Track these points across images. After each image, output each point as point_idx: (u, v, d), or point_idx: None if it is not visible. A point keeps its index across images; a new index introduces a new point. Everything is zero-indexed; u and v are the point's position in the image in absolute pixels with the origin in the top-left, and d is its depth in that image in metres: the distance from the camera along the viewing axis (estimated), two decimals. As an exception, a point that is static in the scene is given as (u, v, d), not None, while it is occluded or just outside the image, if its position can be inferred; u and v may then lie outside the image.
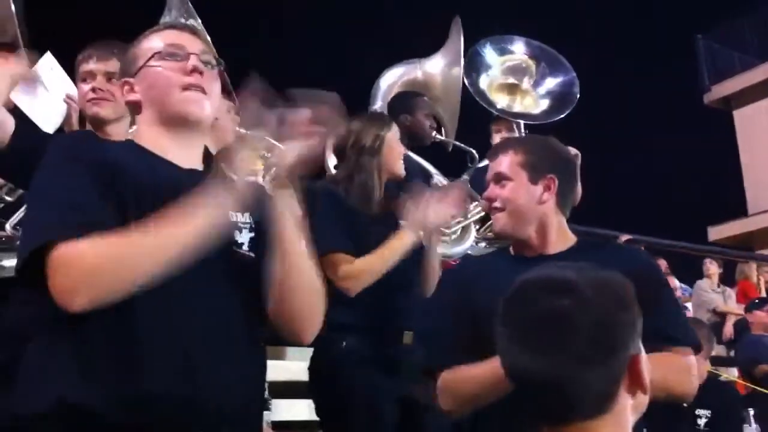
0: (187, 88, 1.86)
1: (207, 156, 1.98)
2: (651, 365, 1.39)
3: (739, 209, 16.64)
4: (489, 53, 5.43)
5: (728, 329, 8.04)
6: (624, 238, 7.77)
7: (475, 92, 5.21)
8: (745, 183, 16.84)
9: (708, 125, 17.55)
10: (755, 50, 16.51)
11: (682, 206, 16.65)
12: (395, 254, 3.04)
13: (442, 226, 3.27)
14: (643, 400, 1.37)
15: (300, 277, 1.84)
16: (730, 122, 17.17)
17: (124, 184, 1.71)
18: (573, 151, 4.86)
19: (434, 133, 4.78)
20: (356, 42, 16.45)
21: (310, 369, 3.23)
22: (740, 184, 16.87)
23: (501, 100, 5.36)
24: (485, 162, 5.16)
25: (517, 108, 5.41)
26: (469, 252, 4.76)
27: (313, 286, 1.89)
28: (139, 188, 1.73)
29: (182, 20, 3.46)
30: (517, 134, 5.14)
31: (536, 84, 5.46)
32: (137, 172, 1.75)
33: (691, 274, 9.03)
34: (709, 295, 8.53)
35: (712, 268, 8.84)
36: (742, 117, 17.02)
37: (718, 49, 16.95)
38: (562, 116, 5.26)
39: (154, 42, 1.91)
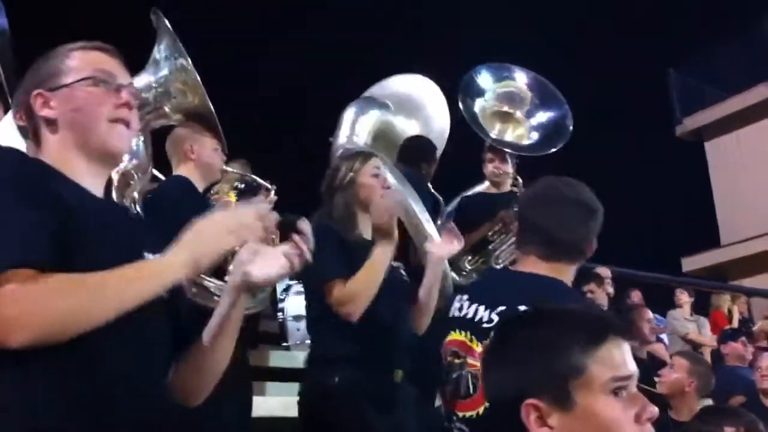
0: (115, 120, 1.81)
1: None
2: None
3: (712, 240, 16.78)
4: (484, 79, 5.45)
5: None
6: (598, 269, 7.81)
7: (470, 119, 5.25)
8: (717, 214, 16.99)
9: (680, 157, 17.73)
10: (726, 83, 16.72)
11: (655, 237, 16.77)
12: (380, 265, 3.14)
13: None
14: None
15: (226, 353, 1.85)
16: (702, 154, 17.36)
17: (71, 220, 1.65)
18: None
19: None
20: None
21: (300, 404, 3.26)
22: (713, 215, 17.02)
23: (494, 128, 5.39)
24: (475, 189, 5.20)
25: (509, 137, 5.43)
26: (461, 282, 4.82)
27: (221, 370, 1.88)
28: (81, 224, 1.66)
29: (173, 59, 3.46)
30: (509, 164, 5.18)
31: (529, 114, 5.49)
32: (74, 205, 1.68)
33: (665, 305, 9.05)
34: (682, 323, 8.55)
35: (683, 297, 8.89)
36: (713, 148, 17.21)
37: (689, 81, 17.16)
38: (555, 149, 5.30)
39: (82, 62, 1.83)
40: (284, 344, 5.79)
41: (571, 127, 5.39)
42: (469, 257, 4.91)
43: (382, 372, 3.18)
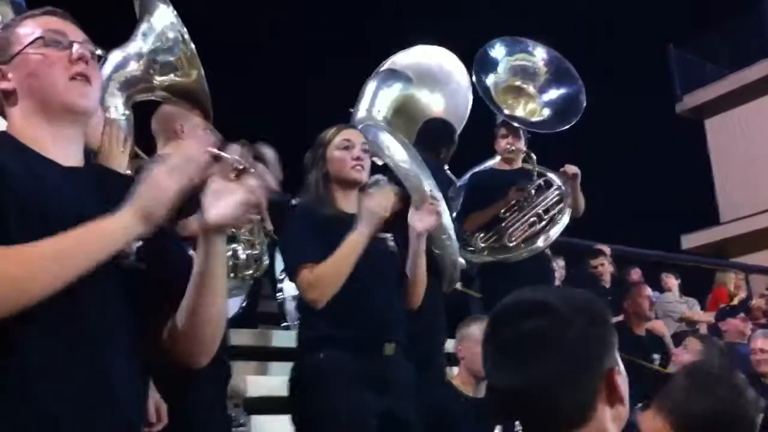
0: (73, 77, 1.75)
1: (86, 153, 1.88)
2: None
3: (712, 218, 16.78)
4: (497, 52, 5.42)
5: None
6: (598, 247, 7.83)
7: (483, 93, 5.25)
8: (717, 192, 16.98)
9: (680, 135, 17.69)
10: (726, 60, 16.68)
11: (655, 215, 16.76)
12: (352, 251, 3.05)
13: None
14: (623, 411, 1.43)
15: (215, 309, 1.75)
16: (702, 131, 17.33)
17: (5, 188, 1.58)
18: (573, 169, 4.93)
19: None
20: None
21: (290, 382, 3.20)
22: (712, 192, 17.02)
23: (506, 103, 5.37)
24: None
25: (520, 112, 5.42)
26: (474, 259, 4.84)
27: (222, 319, 1.80)
28: (21, 192, 1.60)
29: (168, 30, 3.39)
30: (522, 141, 5.16)
31: (542, 89, 5.47)
32: (18, 174, 1.62)
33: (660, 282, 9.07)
34: (673, 305, 8.54)
35: (670, 281, 8.87)
36: (713, 126, 17.18)
37: (689, 59, 17.11)
38: (567, 126, 5.29)
39: (31, 27, 1.78)
40: (284, 324, 5.79)
41: (584, 104, 5.37)
42: (482, 234, 4.92)
43: (370, 346, 3.11)
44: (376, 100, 4.73)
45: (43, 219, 1.59)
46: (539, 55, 5.53)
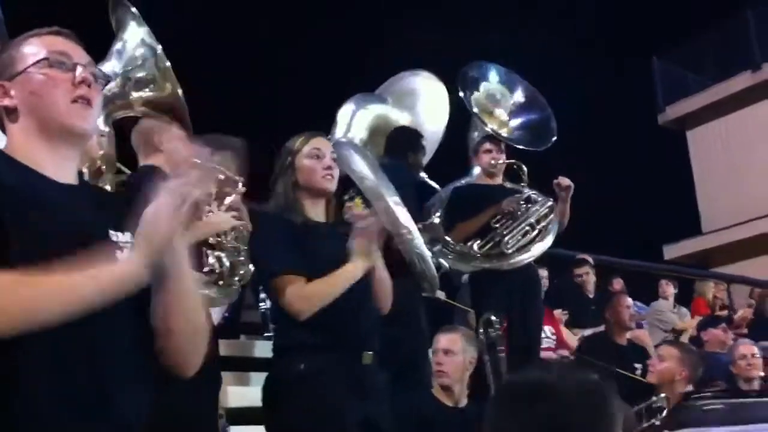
0: (75, 100, 1.77)
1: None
2: None
3: (694, 228, 16.87)
4: (475, 74, 5.52)
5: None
6: (581, 256, 7.87)
7: (472, 109, 5.39)
8: (699, 202, 17.08)
9: (663, 145, 17.78)
10: (709, 71, 16.78)
11: (637, 225, 16.83)
12: (347, 281, 3.07)
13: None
14: None
15: (187, 315, 1.76)
16: (684, 142, 17.43)
17: (4, 206, 1.61)
18: (567, 181, 5.02)
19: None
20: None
21: (265, 392, 3.16)
22: (694, 203, 17.11)
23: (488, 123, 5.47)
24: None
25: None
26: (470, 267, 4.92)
27: (198, 324, 1.81)
28: (21, 208, 1.62)
29: (140, 46, 3.41)
30: (504, 156, 5.24)
31: (511, 115, 5.57)
32: (16, 190, 1.65)
33: (647, 292, 9.09)
34: (666, 315, 8.58)
35: (669, 289, 8.90)
36: (695, 137, 17.29)
37: (672, 70, 17.20)
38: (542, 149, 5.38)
39: (36, 47, 1.81)
40: (266, 334, 5.78)
41: (554, 130, 5.47)
42: (478, 241, 4.97)
43: (349, 355, 3.10)
44: (352, 123, 4.83)
45: (43, 235, 1.61)
46: (498, 79, 5.65)
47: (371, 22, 17.45)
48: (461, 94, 5.31)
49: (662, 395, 4.29)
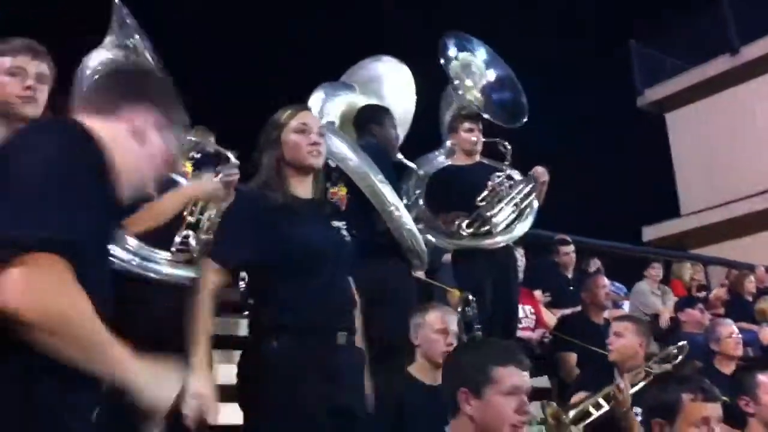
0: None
1: None
2: None
3: (673, 210, 16.99)
4: (452, 49, 5.52)
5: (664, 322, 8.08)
6: (562, 237, 7.92)
7: (453, 80, 5.38)
8: (677, 185, 17.18)
9: (641, 128, 17.87)
10: (686, 55, 16.84)
11: (616, 208, 16.93)
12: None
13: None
14: None
15: None
16: (663, 125, 17.52)
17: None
18: (543, 175, 5.05)
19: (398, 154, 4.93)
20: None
21: (239, 373, 3.12)
22: (673, 185, 17.22)
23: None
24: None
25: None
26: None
27: None
28: None
29: (126, 41, 3.48)
30: (481, 135, 5.26)
31: (485, 91, 5.56)
32: None
33: (626, 274, 9.16)
34: (648, 299, 8.62)
35: (654, 271, 8.93)
36: (674, 120, 17.38)
37: (650, 53, 17.24)
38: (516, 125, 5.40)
39: None
40: (246, 312, 5.77)
41: (526, 110, 5.49)
42: (466, 222, 5.00)
43: (323, 335, 3.06)
44: (324, 111, 4.83)
45: None
46: (480, 56, 5.63)
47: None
48: (441, 61, 5.31)
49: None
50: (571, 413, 4.06)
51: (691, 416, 2.77)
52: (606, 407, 4.07)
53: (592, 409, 4.09)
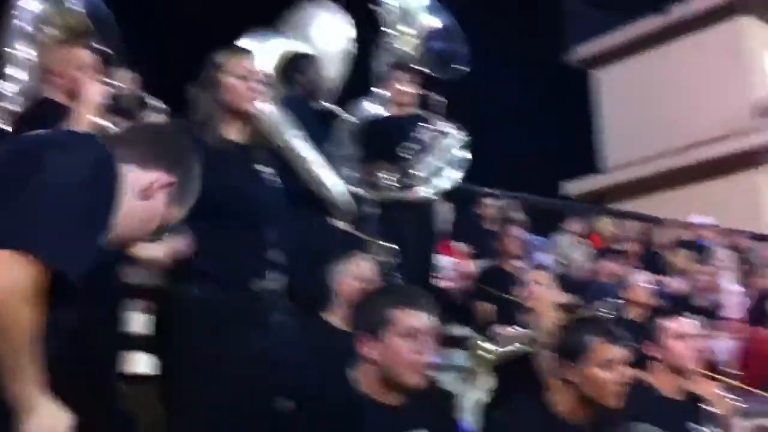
0: None
1: None
2: None
3: (591, 166, 17.32)
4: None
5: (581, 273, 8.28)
6: (486, 190, 8.06)
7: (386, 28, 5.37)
8: (602, 141, 17.47)
9: (566, 84, 18.06)
10: (618, 13, 16.98)
11: (536, 162, 17.13)
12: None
13: None
14: None
15: None
16: (587, 81, 17.76)
17: None
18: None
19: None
20: None
21: (157, 321, 3.09)
22: (594, 142, 17.52)
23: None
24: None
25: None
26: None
27: None
28: None
29: None
30: (417, 87, 5.24)
31: (424, 40, 5.53)
32: None
33: (545, 227, 9.32)
34: (564, 249, 8.79)
35: (574, 225, 9.14)
36: (601, 76, 17.61)
37: (581, 9, 17.33)
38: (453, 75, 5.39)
39: None
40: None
41: (465, 62, 5.49)
42: (383, 173, 5.02)
43: (246, 283, 3.03)
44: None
45: None
46: (421, 3, 5.61)
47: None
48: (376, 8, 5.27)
49: None
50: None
51: (597, 358, 2.87)
52: (523, 348, 4.32)
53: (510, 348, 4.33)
